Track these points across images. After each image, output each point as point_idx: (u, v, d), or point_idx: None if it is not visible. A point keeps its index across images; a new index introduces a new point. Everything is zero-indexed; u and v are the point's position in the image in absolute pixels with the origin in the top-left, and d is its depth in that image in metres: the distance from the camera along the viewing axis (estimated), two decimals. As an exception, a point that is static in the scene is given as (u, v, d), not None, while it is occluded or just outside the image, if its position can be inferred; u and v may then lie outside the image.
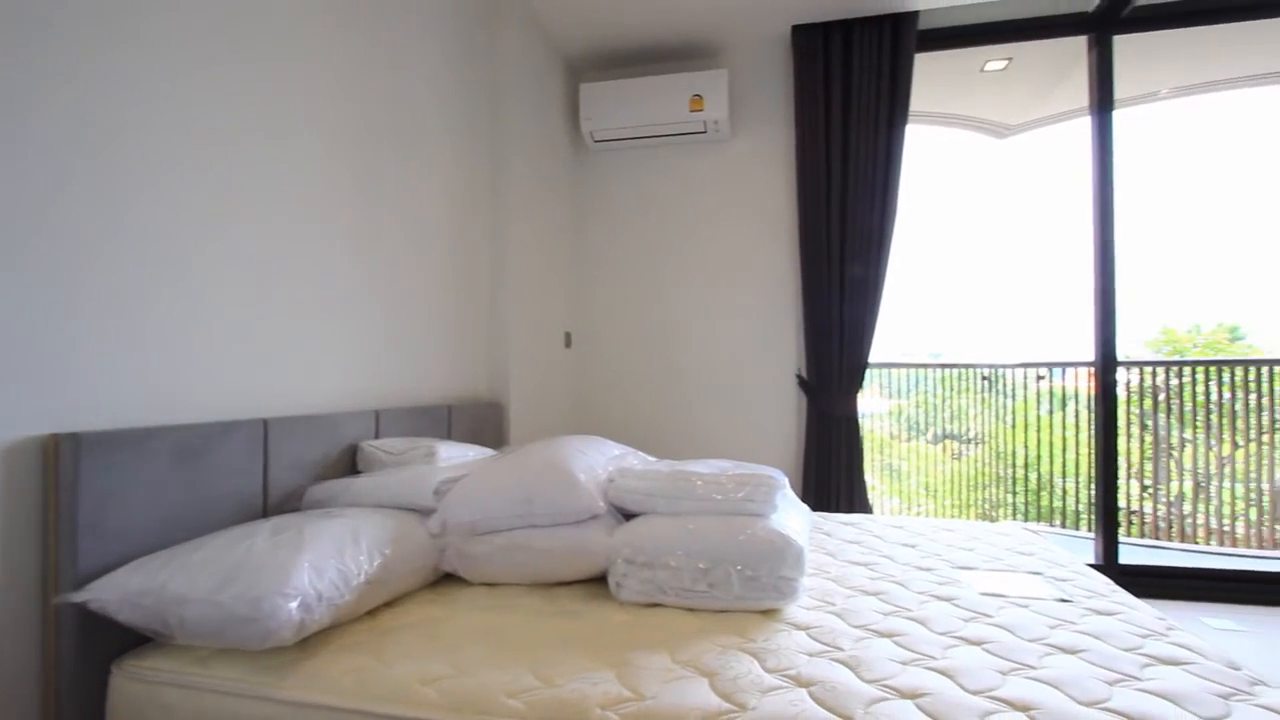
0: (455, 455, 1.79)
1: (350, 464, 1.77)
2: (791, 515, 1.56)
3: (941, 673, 1.09)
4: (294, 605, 1.05)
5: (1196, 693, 1.01)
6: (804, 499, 2.91)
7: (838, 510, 2.84)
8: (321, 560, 1.17)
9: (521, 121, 2.72)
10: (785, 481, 1.54)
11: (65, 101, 1.15)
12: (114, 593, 1.07)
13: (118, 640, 1.14)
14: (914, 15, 2.80)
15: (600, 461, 1.65)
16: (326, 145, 1.77)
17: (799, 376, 3.03)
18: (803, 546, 1.38)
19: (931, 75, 3.26)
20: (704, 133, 2.97)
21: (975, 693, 1.02)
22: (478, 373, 2.58)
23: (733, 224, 3.15)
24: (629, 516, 1.55)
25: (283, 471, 1.55)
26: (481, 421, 2.45)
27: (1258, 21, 2.79)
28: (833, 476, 2.87)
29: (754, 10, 2.81)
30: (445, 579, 1.54)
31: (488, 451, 1.95)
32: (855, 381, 2.88)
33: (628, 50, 3.10)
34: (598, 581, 1.48)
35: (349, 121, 1.86)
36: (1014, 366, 4.15)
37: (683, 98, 2.84)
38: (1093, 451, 3.01)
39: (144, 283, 1.28)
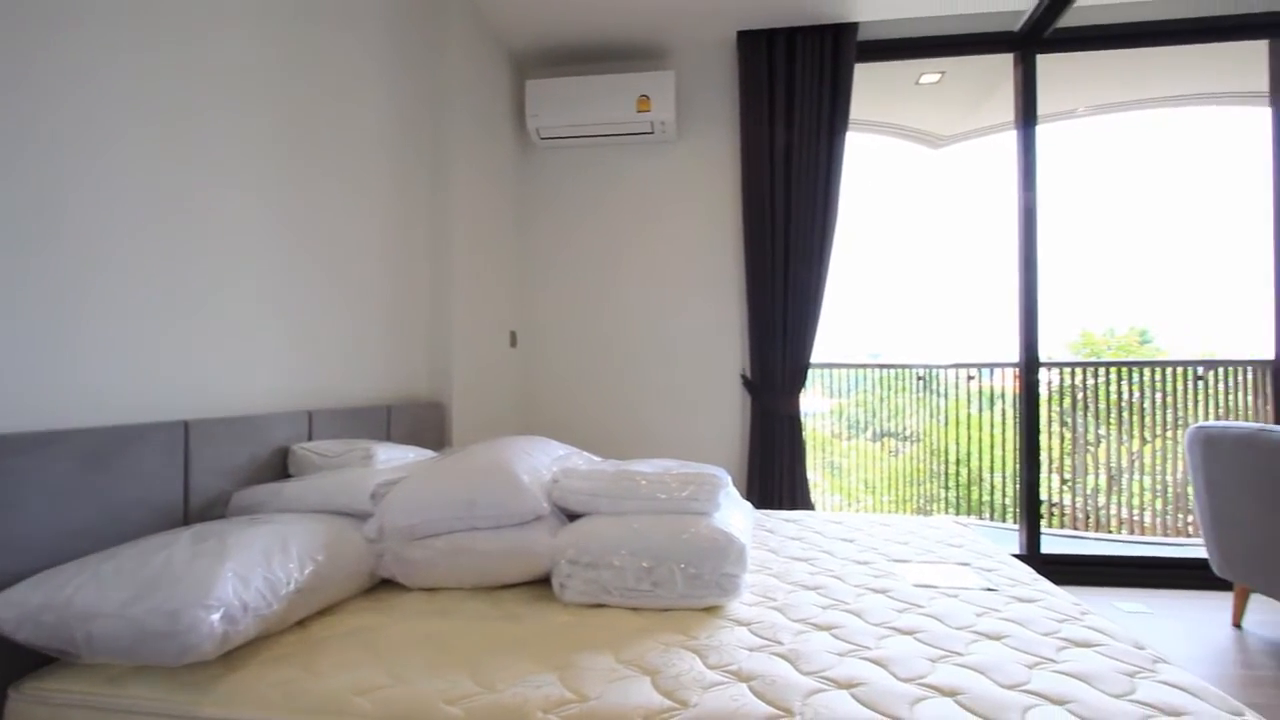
0: (394, 457, 1.74)
1: (281, 468, 1.70)
2: (734, 513, 1.58)
3: (876, 662, 1.12)
4: (216, 617, 1.00)
5: (1106, 672, 1.08)
6: (748, 497, 2.96)
7: (781, 507, 2.90)
8: (247, 569, 1.11)
9: (465, 116, 2.67)
10: (728, 480, 1.56)
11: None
12: (11, 610, 0.99)
13: (19, 661, 1.06)
14: (854, 26, 2.89)
15: (544, 462, 1.63)
16: (256, 137, 1.68)
17: (743, 376, 3.08)
18: (745, 544, 1.40)
19: (871, 85, 3.37)
20: (651, 133, 2.99)
21: (907, 680, 1.06)
22: (419, 372, 2.52)
23: (679, 225, 3.18)
24: (573, 517, 1.54)
25: (206, 477, 1.47)
26: (422, 422, 2.39)
27: (1165, 48, 3.01)
28: (776, 474, 2.93)
29: (700, 14, 2.84)
30: (383, 585, 1.49)
31: (428, 453, 1.90)
32: (798, 381, 2.95)
33: (575, 48, 3.08)
34: (541, 583, 1.47)
35: (278, 107, 1.78)
36: (947, 367, 4.34)
37: (630, 98, 2.85)
38: (1018, 448, 3.17)
39: (46, 272, 1.19)
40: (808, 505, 2.96)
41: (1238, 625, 2.44)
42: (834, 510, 4.49)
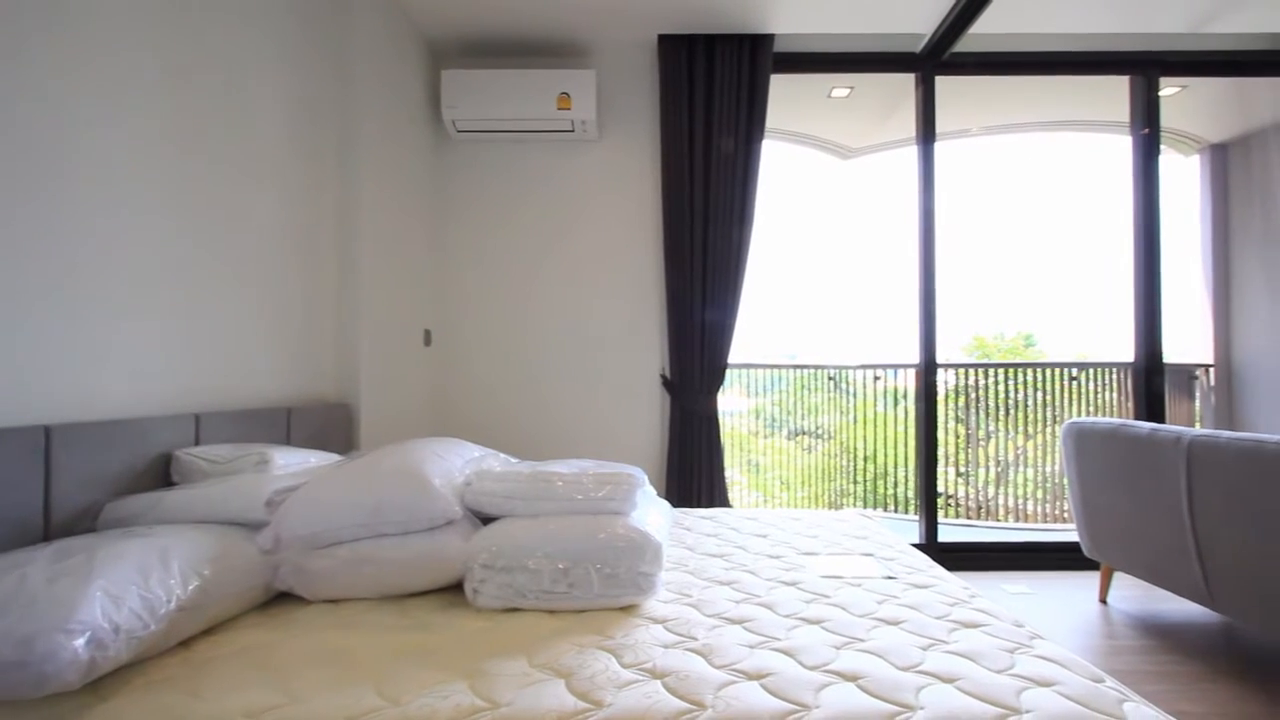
0: (293, 462, 1.64)
1: (163, 476, 1.56)
2: (651, 512, 1.59)
3: (785, 652, 1.16)
4: (80, 643, 0.90)
5: (990, 650, 1.16)
6: (668, 496, 2.99)
7: (700, 505, 2.95)
8: (119, 587, 1.01)
9: (375, 103, 2.55)
10: (645, 479, 1.57)
11: None
12: None
13: None
14: (770, 38, 2.99)
15: (457, 464, 1.58)
16: (141, 131, 1.54)
17: (663, 376, 3.11)
18: (661, 542, 1.42)
19: (786, 96, 3.50)
20: (571, 131, 2.96)
21: (813, 668, 1.10)
22: (324, 371, 2.38)
23: (599, 225, 3.17)
24: (487, 521, 1.50)
25: (71, 487, 1.33)
26: (327, 425, 2.27)
27: (1045, 77, 3.29)
28: (695, 473, 2.98)
29: (622, 14, 2.85)
30: (279, 599, 1.40)
31: (333, 457, 1.81)
32: (716, 381, 3.01)
33: (494, 40, 3.02)
34: (453, 590, 1.42)
35: (164, 95, 1.63)
36: (855, 368, 4.56)
37: (550, 95, 2.81)
38: (918, 444, 3.37)
39: None
40: (725, 503, 3.03)
41: (1104, 601, 2.70)
42: (754, 507, 4.62)
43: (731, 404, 4.78)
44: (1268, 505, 1.80)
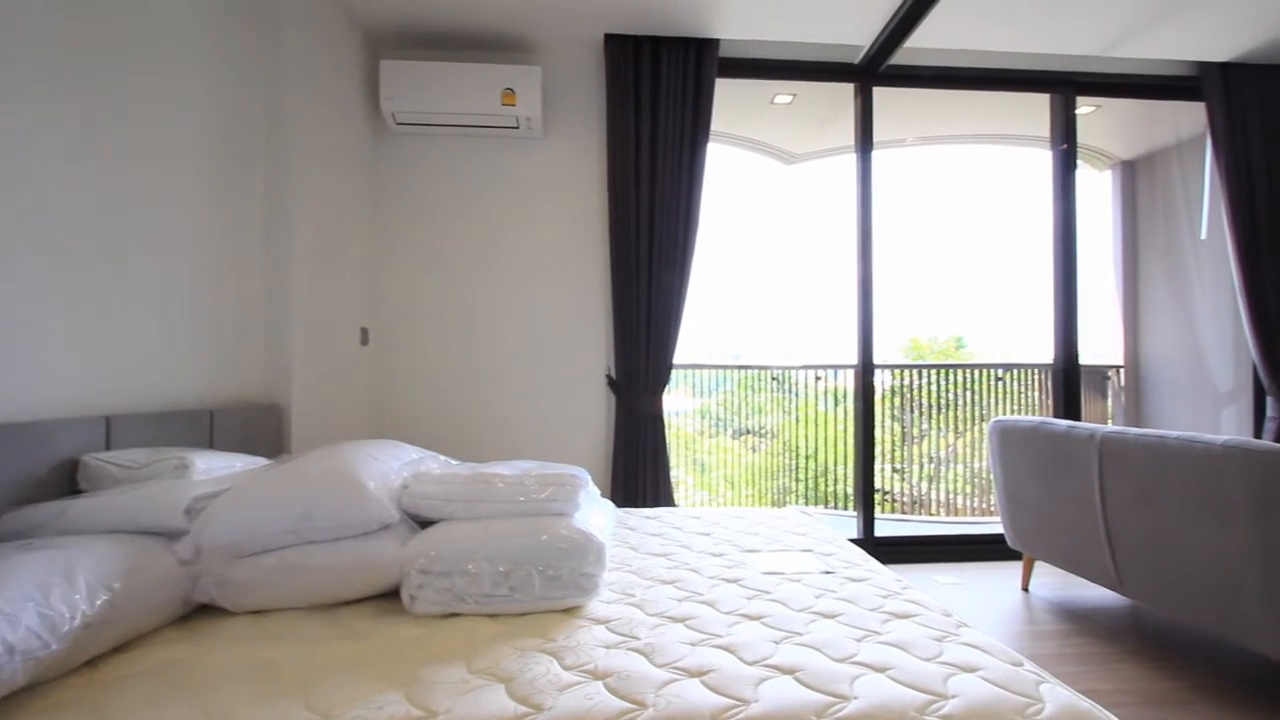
0: (217, 467, 1.55)
1: (69, 484, 1.45)
2: (594, 513, 1.59)
3: (725, 649, 1.17)
4: (-34, 666, 0.83)
5: (920, 639, 1.21)
6: (613, 496, 2.99)
7: (645, 505, 2.96)
8: (14, 605, 0.93)
9: (307, 93, 2.44)
10: (588, 480, 1.56)
11: None
12: None
13: None
14: (715, 43, 3.03)
15: (394, 467, 1.53)
16: (41, 105, 1.43)
17: (608, 377, 3.11)
18: (604, 543, 1.41)
19: (731, 101, 3.55)
20: (516, 128, 2.92)
21: (752, 663, 1.11)
22: (252, 370, 2.27)
23: (544, 224, 3.14)
24: (426, 525, 1.46)
25: (-39, 497, 1.22)
26: (255, 427, 2.16)
27: (975, 92, 3.45)
28: (640, 473, 2.99)
29: (569, 11, 2.83)
30: (200, 612, 1.32)
31: (261, 461, 1.72)
32: (661, 381, 3.02)
33: (436, 32, 2.94)
34: (389, 597, 1.38)
35: (56, 50, 1.52)
36: (798, 368, 4.68)
37: (494, 90, 2.76)
38: (857, 442, 3.48)
39: None
40: (670, 502, 3.05)
41: (1026, 589, 2.86)
42: (701, 506, 4.66)
43: (678, 404, 4.82)
44: (1168, 497, 1.94)
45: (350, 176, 2.81)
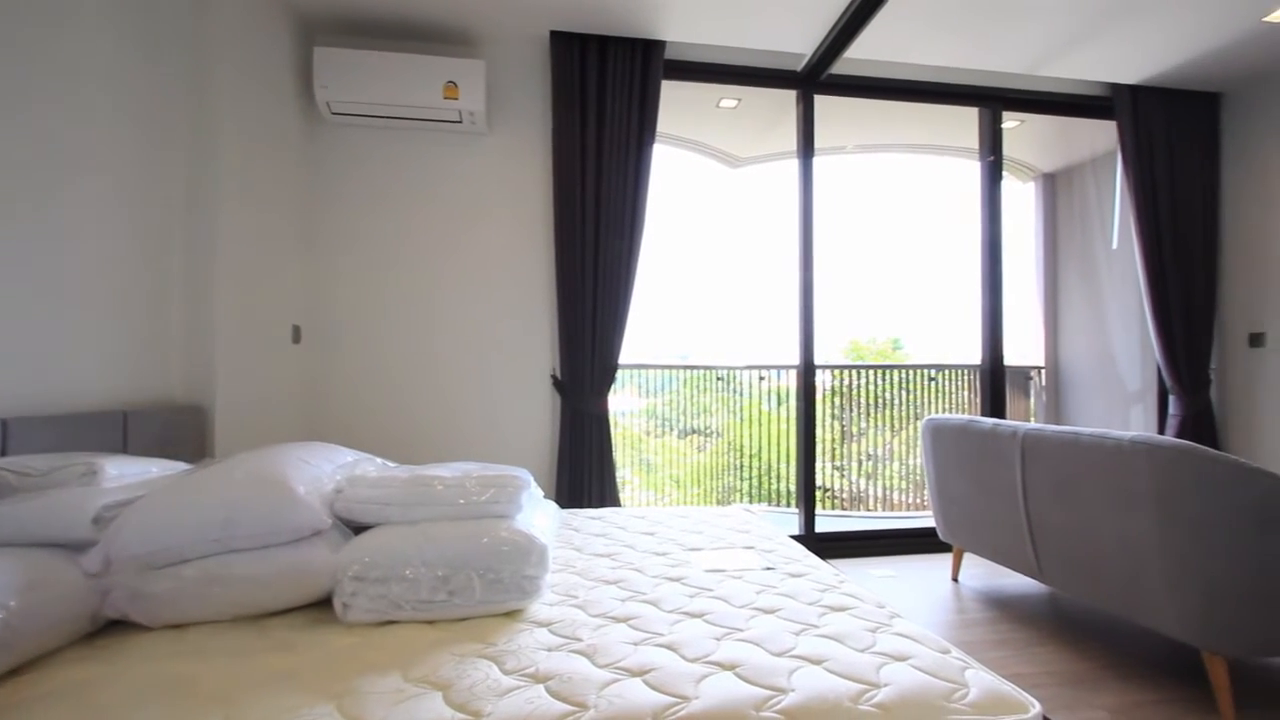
0: (130, 473, 1.45)
1: (-41, 493, 1.33)
2: (537, 514, 1.57)
3: (668, 647, 1.18)
4: None
5: (855, 631, 1.24)
6: (558, 497, 2.97)
7: (590, 506, 2.95)
8: (-111, 627, 0.85)
9: (231, 75, 2.30)
10: (531, 481, 1.54)
11: None
12: None
13: None
14: (661, 45, 3.05)
15: (327, 470, 1.47)
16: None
17: (554, 376, 3.08)
18: (546, 544, 1.40)
19: (678, 103, 3.59)
20: (459, 123, 2.86)
21: (694, 660, 1.12)
22: (170, 369, 2.14)
23: (489, 221, 3.08)
24: (361, 530, 1.41)
25: None
26: (175, 430, 2.03)
27: (910, 104, 3.59)
28: (585, 474, 2.97)
29: (513, 6, 2.79)
30: (111, 628, 1.23)
31: (180, 466, 1.62)
32: (607, 381, 3.02)
33: (374, 19, 2.84)
34: (321, 606, 1.33)
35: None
36: (743, 368, 4.75)
37: (437, 82, 2.70)
38: (799, 440, 3.56)
39: None
40: (616, 503, 3.05)
41: (955, 579, 2.99)
42: (646, 506, 4.68)
43: (625, 404, 4.83)
44: (1082, 490, 2.06)
45: (281, 164, 2.68)
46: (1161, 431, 3.80)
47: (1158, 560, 1.81)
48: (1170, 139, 3.59)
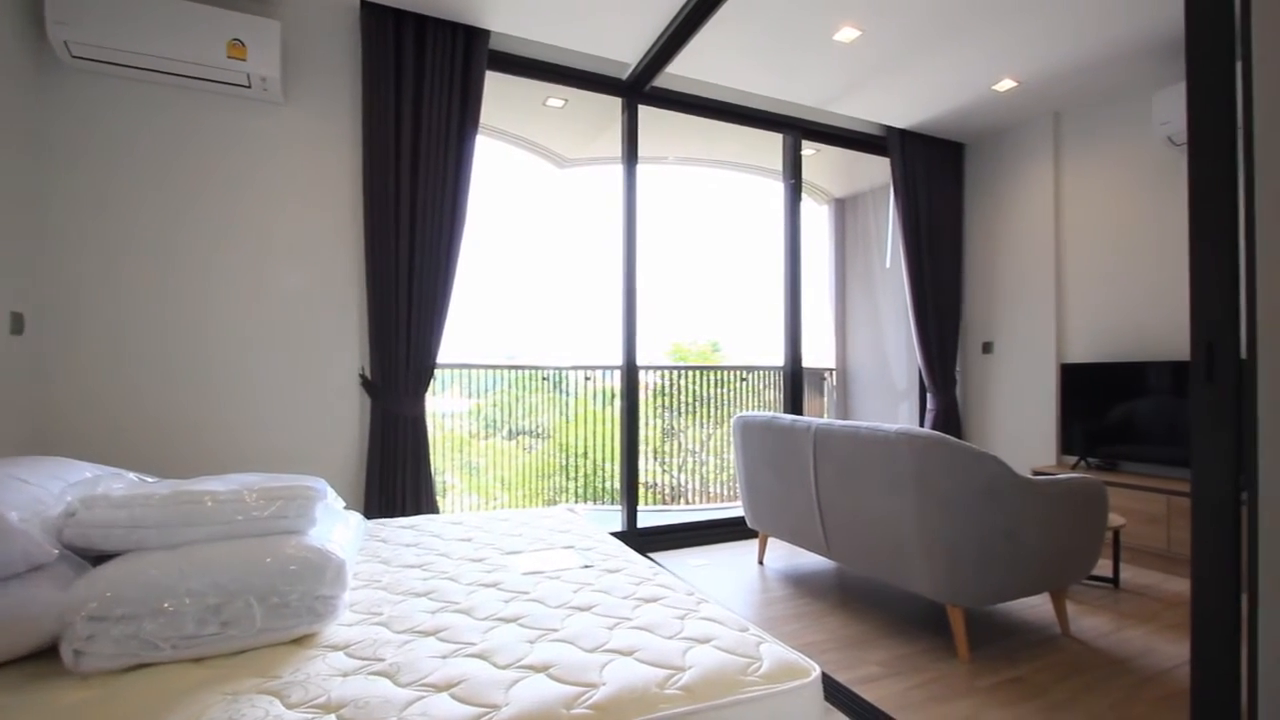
0: None
1: None
2: (336, 527, 1.43)
3: (479, 656, 1.13)
4: None
5: (666, 619, 1.30)
6: (366, 507, 2.74)
7: (404, 514, 2.76)
8: None
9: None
10: (327, 491, 1.39)
11: None
12: None
13: None
14: (486, 34, 2.95)
15: (53, 490, 1.21)
16: None
17: (362, 376, 2.83)
18: (345, 559, 1.27)
19: (505, 98, 3.50)
20: (248, 88, 2.51)
21: (505, 666, 1.09)
22: None
23: (285, 202, 2.73)
24: (104, 559, 1.18)
25: None
26: None
27: (723, 123, 3.86)
28: (399, 480, 2.77)
29: (319, -31, 2.53)
30: None
31: None
32: (423, 382, 2.84)
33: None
34: (45, 656, 1.08)
35: None
36: (570, 369, 4.77)
37: (219, 38, 2.33)
38: (622, 438, 3.66)
39: None
40: (433, 509, 2.88)
41: (761, 563, 3.27)
42: (471, 510, 4.50)
43: (449, 405, 4.60)
44: (860, 476, 2.37)
45: (-3, 117, 2.14)
46: (922, 424, 4.50)
47: (915, 533, 2.13)
48: (930, 177, 4.27)
